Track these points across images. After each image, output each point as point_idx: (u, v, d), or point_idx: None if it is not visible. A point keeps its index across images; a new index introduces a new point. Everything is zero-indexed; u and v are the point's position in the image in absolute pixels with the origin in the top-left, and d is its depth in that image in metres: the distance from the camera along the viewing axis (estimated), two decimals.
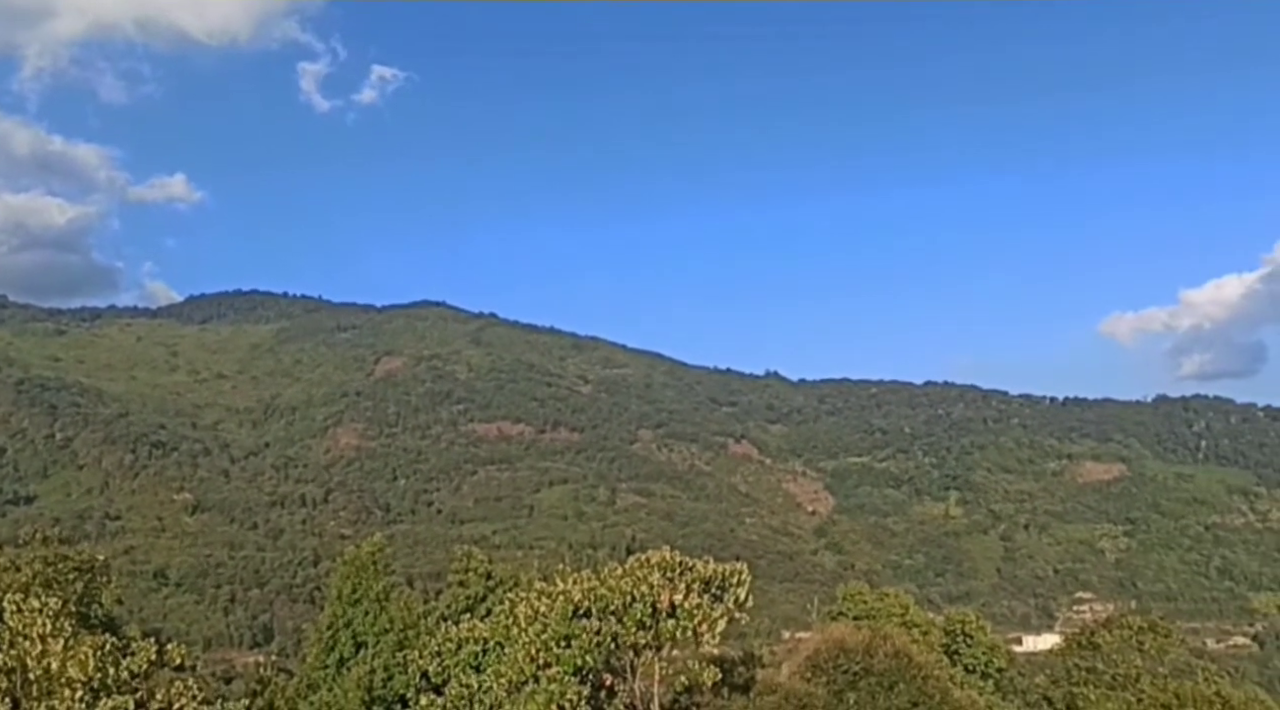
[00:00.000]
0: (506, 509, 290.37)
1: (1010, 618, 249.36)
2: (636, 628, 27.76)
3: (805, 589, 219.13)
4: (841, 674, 44.38)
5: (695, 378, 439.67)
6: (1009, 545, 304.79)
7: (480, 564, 47.14)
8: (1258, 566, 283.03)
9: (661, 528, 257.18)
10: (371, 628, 40.02)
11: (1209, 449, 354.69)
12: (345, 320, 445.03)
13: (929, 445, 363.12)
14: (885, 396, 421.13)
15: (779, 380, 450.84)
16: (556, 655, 27.48)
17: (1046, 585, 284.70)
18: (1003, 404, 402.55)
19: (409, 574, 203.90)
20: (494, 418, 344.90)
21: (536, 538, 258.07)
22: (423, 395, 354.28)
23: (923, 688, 44.38)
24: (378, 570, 41.76)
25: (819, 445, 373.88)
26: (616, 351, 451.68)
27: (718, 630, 27.99)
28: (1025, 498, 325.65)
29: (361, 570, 41.60)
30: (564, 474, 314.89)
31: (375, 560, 42.11)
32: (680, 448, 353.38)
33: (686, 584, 28.65)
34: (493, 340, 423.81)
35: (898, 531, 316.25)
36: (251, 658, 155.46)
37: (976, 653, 66.30)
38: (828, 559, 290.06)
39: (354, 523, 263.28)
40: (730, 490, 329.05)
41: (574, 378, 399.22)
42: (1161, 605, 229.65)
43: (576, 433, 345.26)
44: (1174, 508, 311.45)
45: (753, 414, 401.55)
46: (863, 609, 67.59)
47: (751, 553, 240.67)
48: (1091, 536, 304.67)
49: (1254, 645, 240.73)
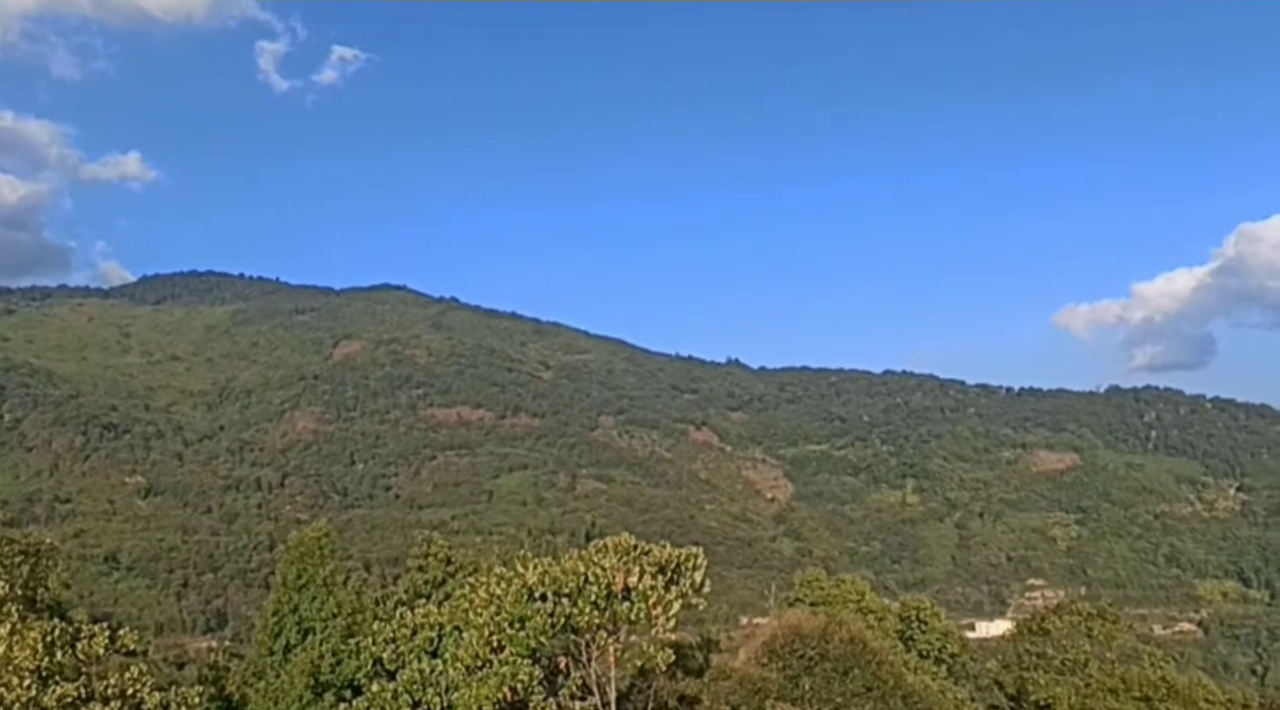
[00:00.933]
0: (466, 494, 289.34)
1: (964, 604, 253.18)
2: (591, 610, 27.68)
3: (764, 575, 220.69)
4: (797, 659, 44.66)
5: (656, 364, 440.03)
6: (964, 533, 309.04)
7: (440, 549, 46.79)
8: (1204, 555, 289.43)
9: (621, 514, 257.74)
10: (319, 613, 39.53)
11: (1159, 439, 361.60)
12: (303, 302, 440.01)
13: (887, 434, 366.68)
14: (845, 385, 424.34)
15: (740, 368, 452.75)
16: (510, 637, 27.39)
17: (1000, 572, 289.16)
18: (960, 394, 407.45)
19: (366, 559, 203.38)
20: (454, 403, 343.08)
21: (496, 523, 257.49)
22: (382, 379, 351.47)
23: (877, 673, 44.79)
24: (324, 555, 41.21)
25: (779, 433, 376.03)
26: (578, 337, 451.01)
27: (672, 613, 27.95)
28: (980, 486, 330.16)
29: (307, 556, 41.05)
30: (524, 460, 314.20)
31: (321, 545, 41.55)
32: (641, 434, 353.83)
33: (641, 567, 28.59)
34: (453, 325, 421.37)
35: (855, 519, 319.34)
36: (204, 643, 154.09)
37: (930, 638, 66.99)
38: (786, 546, 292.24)
39: (310, 507, 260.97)
40: (690, 477, 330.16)
41: (535, 363, 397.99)
42: (1111, 592, 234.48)
43: (537, 418, 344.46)
44: (1124, 497, 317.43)
45: (713, 401, 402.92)
46: (819, 595, 67.98)
47: (711, 539, 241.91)
48: (1044, 524, 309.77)
49: (1199, 631, 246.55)
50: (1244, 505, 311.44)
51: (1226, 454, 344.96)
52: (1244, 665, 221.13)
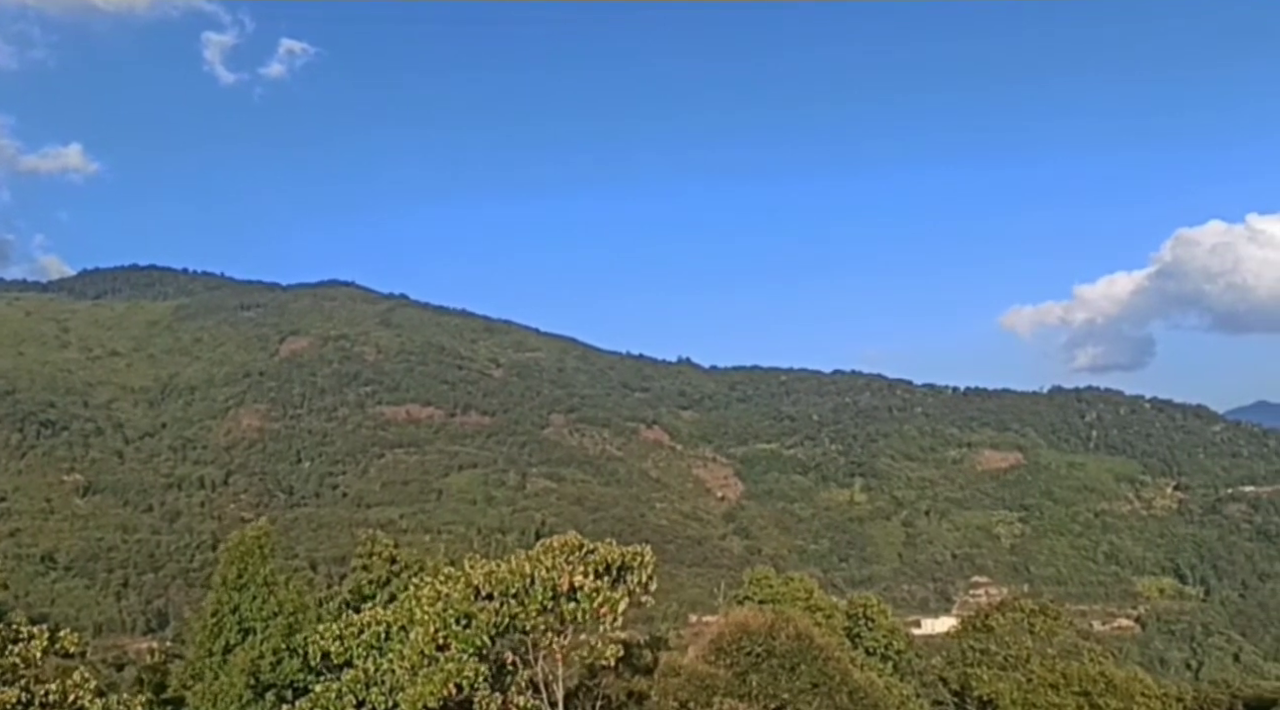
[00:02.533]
0: (414, 493, 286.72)
1: (910, 601, 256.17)
2: (537, 611, 27.62)
3: (713, 573, 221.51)
4: (745, 656, 44.85)
5: (608, 363, 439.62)
6: (910, 531, 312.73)
7: (385, 548, 46.22)
8: (1141, 552, 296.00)
9: (572, 512, 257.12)
10: (259, 613, 38.95)
11: (1099, 439, 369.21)
12: (249, 298, 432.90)
13: (836, 433, 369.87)
14: (795, 384, 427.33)
15: (691, 367, 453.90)
16: (456, 634, 27.21)
17: (945, 570, 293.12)
18: (907, 393, 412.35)
19: (312, 558, 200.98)
20: (403, 400, 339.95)
21: (445, 522, 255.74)
22: (329, 376, 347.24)
23: (823, 669, 45.12)
24: (264, 554, 40.60)
25: (729, 432, 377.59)
26: (529, 335, 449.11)
27: (618, 611, 27.96)
28: (927, 484, 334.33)
29: (248, 554, 40.41)
30: (474, 458, 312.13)
31: (262, 544, 40.94)
32: (592, 433, 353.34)
33: (587, 567, 28.57)
34: (403, 322, 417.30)
35: (804, 517, 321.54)
36: (145, 644, 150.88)
37: (877, 635, 67.67)
38: (736, 544, 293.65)
39: (255, 506, 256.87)
40: (641, 475, 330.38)
41: (485, 361, 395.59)
42: (1052, 589, 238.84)
43: (487, 416, 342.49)
44: (1066, 495, 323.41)
45: (664, 400, 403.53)
46: (768, 593, 68.34)
47: (661, 537, 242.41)
48: (988, 522, 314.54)
49: (1137, 627, 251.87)
50: (1180, 503, 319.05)
51: (1164, 453, 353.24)
52: (1179, 660, 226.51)
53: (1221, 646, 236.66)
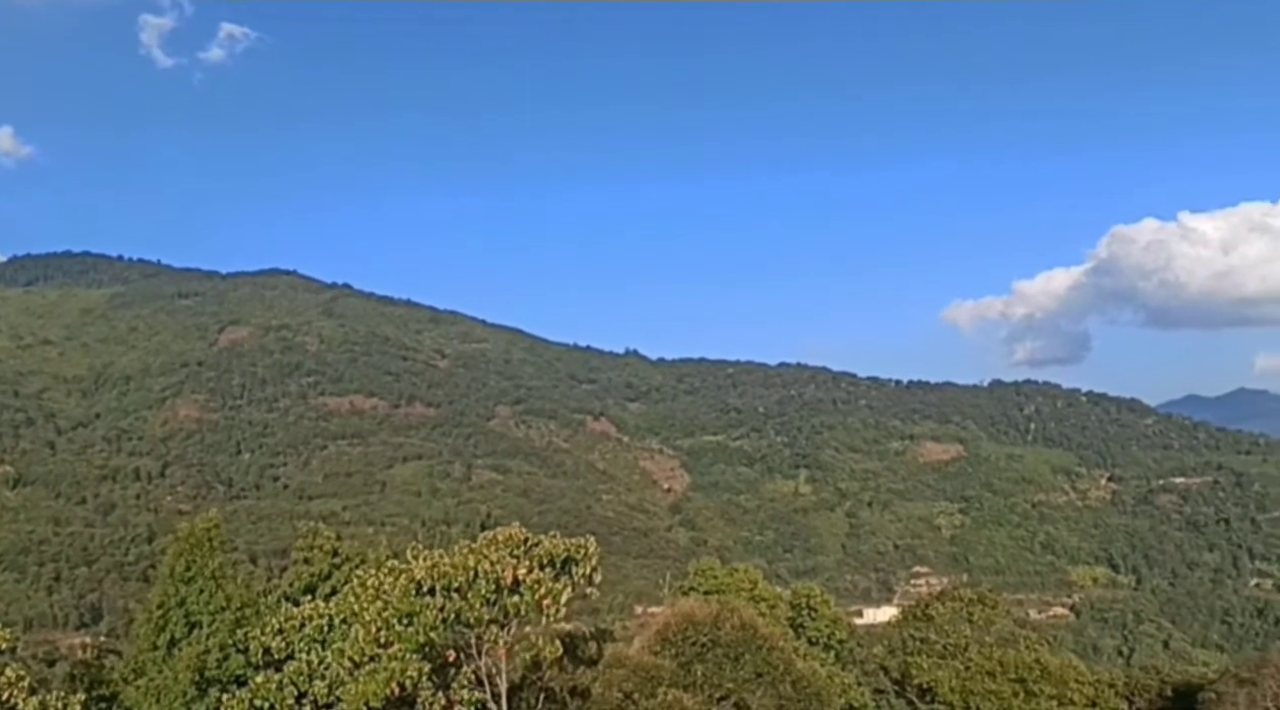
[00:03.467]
0: (358, 485, 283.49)
1: (853, 591, 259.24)
2: (481, 604, 27.39)
3: (659, 565, 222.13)
4: (689, 646, 45.04)
5: (555, 354, 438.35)
6: (854, 522, 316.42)
7: (326, 541, 45.49)
8: (1076, 542, 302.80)
9: (517, 504, 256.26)
10: (206, 607, 38.11)
11: (1037, 431, 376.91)
12: (187, 286, 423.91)
13: (781, 424, 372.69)
14: (741, 377, 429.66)
15: (638, 359, 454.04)
16: (398, 633, 26.88)
17: (887, 560, 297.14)
18: (852, 386, 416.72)
19: (252, 551, 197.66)
20: (346, 391, 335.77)
21: (388, 514, 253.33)
22: (270, 367, 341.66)
23: (767, 658, 45.48)
24: (213, 547, 39.70)
25: (676, 424, 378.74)
26: (475, 326, 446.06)
27: (562, 604, 27.85)
28: (870, 476, 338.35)
29: (196, 547, 39.45)
30: (418, 450, 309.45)
31: (210, 536, 40.01)
32: (538, 424, 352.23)
33: (531, 560, 28.41)
34: (346, 311, 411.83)
35: (750, 508, 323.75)
36: (78, 639, 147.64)
37: (820, 625, 68.29)
38: (682, 535, 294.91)
39: (193, 498, 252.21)
40: (588, 467, 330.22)
41: (431, 352, 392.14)
42: (990, 578, 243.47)
43: (432, 408, 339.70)
44: (1004, 486, 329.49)
45: (611, 392, 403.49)
46: (713, 584, 68.63)
47: (607, 529, 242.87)
48: (930, 513, 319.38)
49: (1071, 615, 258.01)
50: (1114, 494, 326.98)
51: (1099, 446, 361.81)
52: (1111, 647, 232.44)
53: (1152, 634, 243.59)
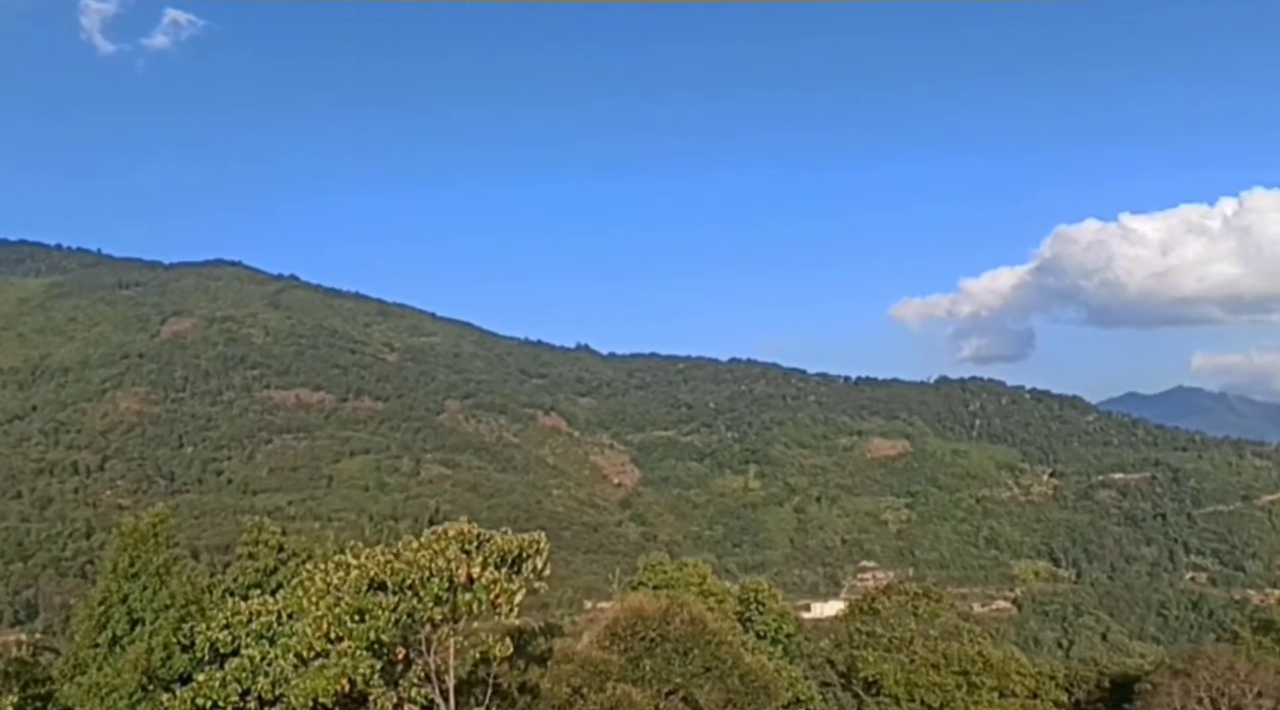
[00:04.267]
0: (303, 479, 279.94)
1: (801, 585, 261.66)
2: (433, 602, 27.21)
3: (609, 560, 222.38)
4: (638, 641, 45.17)
5: (505, 348, 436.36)
6: (802, 517, 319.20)
7: (272, 536, 44.98)
8: (1019, 536, 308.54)
9: (466, 499, 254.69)
10: (150, 604, 37.41)
11: (982, 427, 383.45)
12: (128, 276, 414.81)
13: (732, 420, 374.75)
14: (692, 372, 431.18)
15: (589, 353, 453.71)
16: (349, 630, 26.60)
17: (834, 555, 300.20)
18: (801, 382, 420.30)
19: (194, 546, 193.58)
20: (292, 384, 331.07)
21: (335, 509, 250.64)
22: (214, 359, 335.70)
23: (715, 653, 45.77)
24: (159, 542, 38.98)
25: (626, 418, 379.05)
26: (424, 319, 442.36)
27: (515, 602, 27.77)
28: (819, 471, 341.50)
29: (141, 542, 38.70)
30: (366, 444, 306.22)
31: (157, 531, 39.28)
32: (488, 419, 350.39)
33: (484, 557, 28.27)
34: (292, 304, 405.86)
35: (699, 503, 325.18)
36: (12, 636, 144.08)
37: (768, 619, 68.81)
38: (632, 530, 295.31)
39: (133, 492, 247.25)
40: (538, 462, 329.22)
41: (379, 345, 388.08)
42: (935, 572, 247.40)
43: (380, 402, 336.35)
44: (950, 482, 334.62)
45: (562, 386, 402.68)
46: (662, 578, 68.89)
47: (557, 524, 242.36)
48: (877, 508, 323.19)
49: (1013, 609, 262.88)
50: (1056, 490, 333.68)
51: (1041, 442, 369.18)
52: (1052, 640, 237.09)
53: (1091, 626, 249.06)
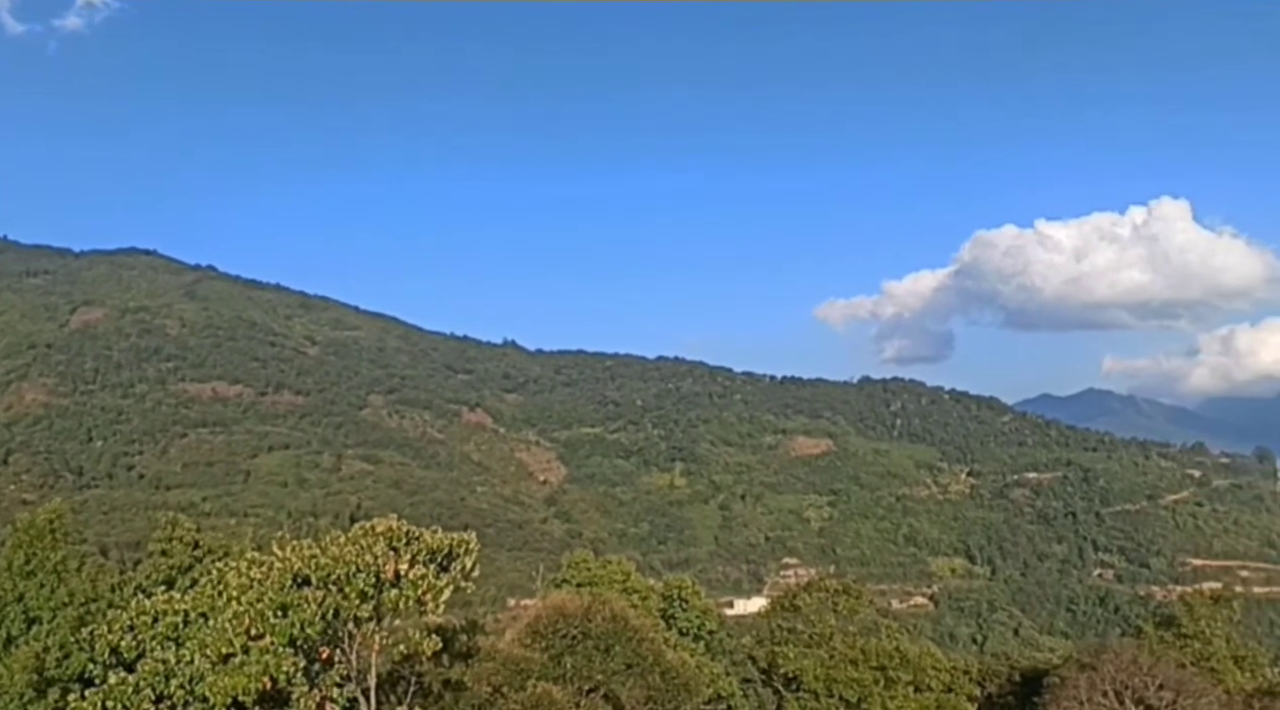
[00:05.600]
0: (219, 475, 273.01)
1: (724, 582, 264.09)
2: (359, 599, 26.73)
3: (533, 557, 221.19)
4: (560, 638, 45.12)
5: (431, 343, 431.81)
6: (727, 514, 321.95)
7: (186, 532, 43.80)
8: (937, 534, 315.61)
9: (389, 496, 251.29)
10: (47, 602, 36.14)
11: (903, 427, 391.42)
12: (35, 264, 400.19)
13: (658, 418, 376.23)
14: (619, 370, 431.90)
15: (516, 350, 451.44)
16: (272, 626, 25.99)
17: (758, 552, 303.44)
18: (728, 381, 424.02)
19: (103, 543, 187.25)
20: (209, 377, 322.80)
21: (252, 505, 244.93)
22: (127, 351, 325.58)
23: (637, 650, 45.92)
24: (56, 539, 37.66)
25: (553, 415, 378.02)
26: (348, 313, 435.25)
27: (442, 600, 27.45)
28: (744, 469, 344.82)
29: (37, 538, 37.36)
30: (285, 439, 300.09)
31: (53, 527, 37.95)
32: (412, 414, 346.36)
33: (412, 554, 27.89)
34: (210, 294, 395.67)
35: (625, 501, 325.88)
36: None
37: (690, 616, 69.24)
38: (557, 527, 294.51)
39: (39, 487, 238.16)
40: (462, 459, 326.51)
41: (300, 338, 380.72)
42: (856, 569, 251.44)
43: (301, 396, 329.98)
44: (871, 480, 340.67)
45: (488, 382, 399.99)
46: (586, 576, 68.88)
47: (481, 521, 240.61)
48: (800, 506, 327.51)
49: (931, 605, 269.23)
50: (972, 489, 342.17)
51: (959, 441, 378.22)
52: (967, 635, 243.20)
53: (1004, 621, 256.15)
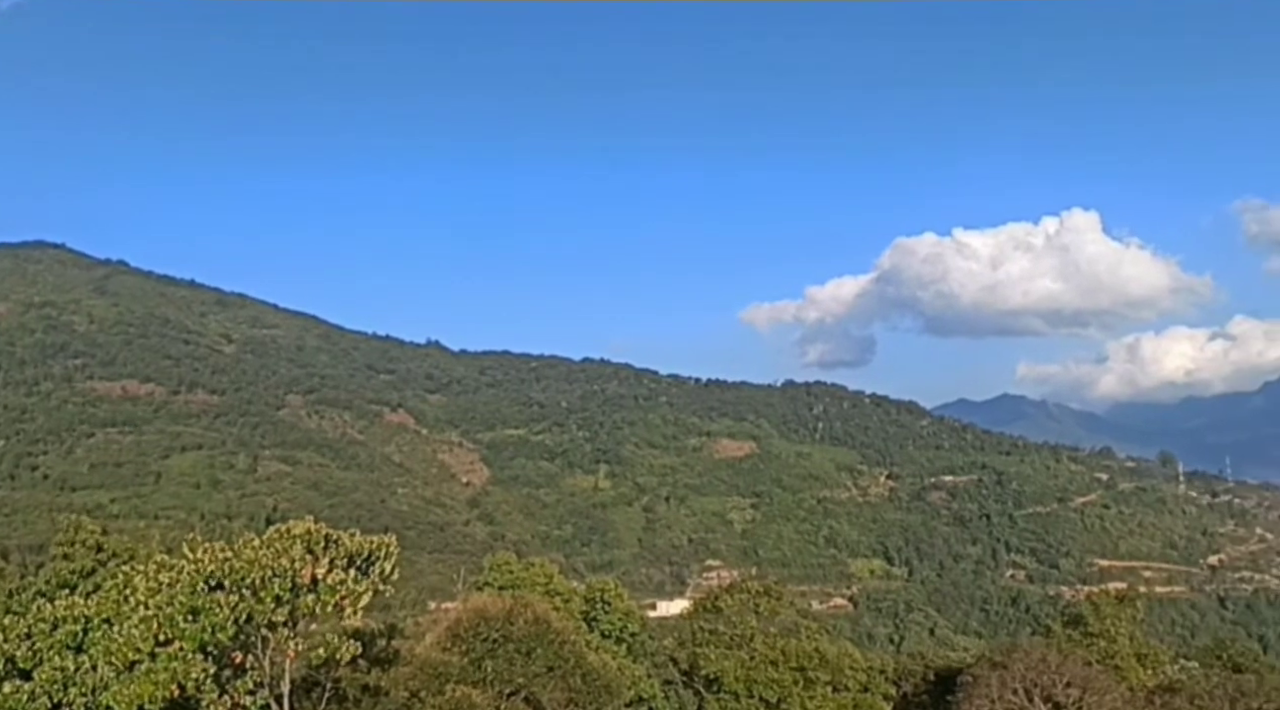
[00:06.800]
0: (129, 476, 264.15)
1: (648, 584, 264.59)
2: (274, 603, 26.04)
3: (455, 560, 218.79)
4: (481, 642, 44.70)
5: (352, 342, 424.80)
6: (650, 516, 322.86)
7: (90, 535, 42.44)
8: (857, 535, 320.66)
9: (307, 498, 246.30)
10: None
11: (824, 430, 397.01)
12: None
13: (584, 420, 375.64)
14: (545, 371, 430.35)
15: (440, 350, 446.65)
16: (181, 631, 25.17)
17: (681, 553, 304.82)
18: (653, 383, 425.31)
19: (4, 546, 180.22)
20: (118, 375, 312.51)
21: (163, 507, 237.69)
22: (31, 347, 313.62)
23: (559, 652, 45.74)
24: None
25: (477, 416, 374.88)
26: (266, 311, 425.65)
27: (361, 604, 26.92)
28: (668, 471, 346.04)
29: None
30: (199, 439, 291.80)
31: None
32: (332, 415, 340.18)
33: (331, 558, 27.31)
34: (121, 290, 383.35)
35: (549, 503, 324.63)
36: None
37: (613, 618, 69.22)
38: (479, 530, 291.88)
39: None
40: (384, 460, 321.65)
41: (216, 336, 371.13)
42: (778, 571, 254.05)
43: (216, 395, 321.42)
44: (793, 482, 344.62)
45: (411, 383, 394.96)
46: (508, 578, 68.44)
47: (402, 524, 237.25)
48: (723, 508, 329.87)
49: (850, 606, 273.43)
50: (891, 491, 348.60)
51: (879, 445, 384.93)
52: (884, 635, 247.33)
53: (920, 622, 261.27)
